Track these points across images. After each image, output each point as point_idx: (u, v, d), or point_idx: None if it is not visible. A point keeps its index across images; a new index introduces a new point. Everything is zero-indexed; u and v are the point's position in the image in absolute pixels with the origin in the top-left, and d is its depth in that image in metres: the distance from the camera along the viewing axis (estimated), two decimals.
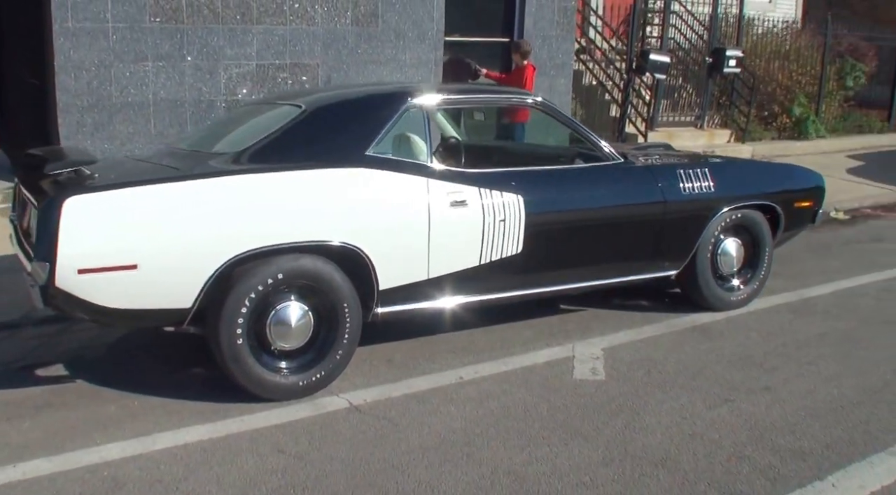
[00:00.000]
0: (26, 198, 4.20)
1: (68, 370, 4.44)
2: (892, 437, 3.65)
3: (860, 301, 5.68)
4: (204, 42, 7.36)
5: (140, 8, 7.06)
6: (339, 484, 3.22)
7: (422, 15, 8.45)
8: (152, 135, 7.31)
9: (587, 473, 3.32)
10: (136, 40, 7.08)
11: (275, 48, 7.73)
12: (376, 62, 8.29)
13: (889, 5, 20.00)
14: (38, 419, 3.80)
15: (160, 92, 7.28)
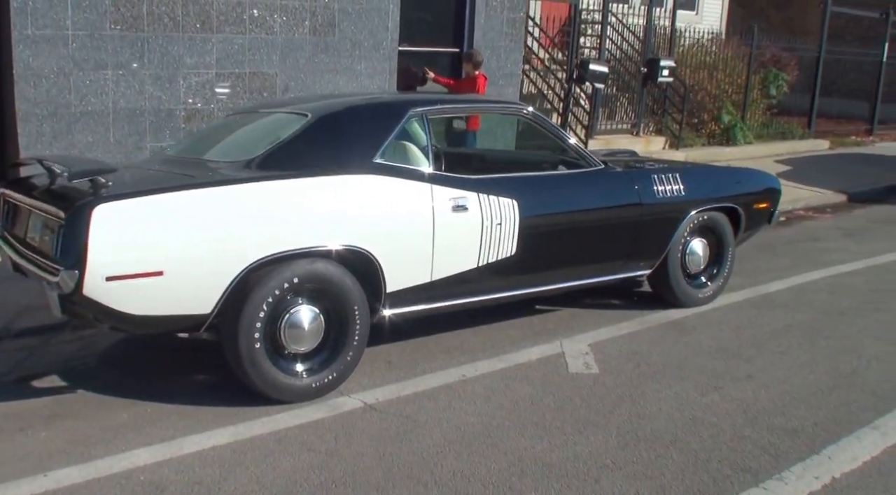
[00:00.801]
0: (25, 205, 4.18)
1: (65, 380, 4.42)
2: (871, 415, 4.00)
3: (814, 295, 6.11)
4: (164, 50, 7.32)
5: (100, 15, 6.97)
6: (378, 477, 3.35)
7: (377, 25, 8.60)
8: (111, 145, 7.22)
9: (607, 457, 3.54)
10: (97, 48, 6.98)
11: (234, 57, 7.73)
12: (333, 71, 8.39)
13: (803, 17, 21.13)
14: (53, 429, 3.79)
15: (119, 100, 7.20)
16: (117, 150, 7.24)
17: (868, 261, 7.20)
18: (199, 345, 4.83)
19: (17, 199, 4.30)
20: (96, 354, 4.91)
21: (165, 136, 7.50)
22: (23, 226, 4.27)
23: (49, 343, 4.98)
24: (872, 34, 18.31)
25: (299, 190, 3.97)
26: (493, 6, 9.51)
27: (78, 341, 5.02)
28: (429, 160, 4.46)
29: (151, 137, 7.43)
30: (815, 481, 3.37)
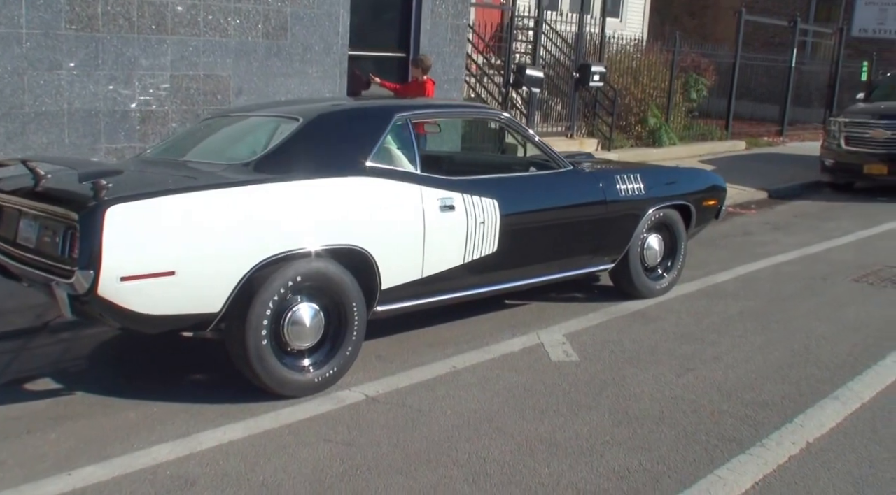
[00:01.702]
0: (13, 207, 4.19)
1: (59, 383, 4.44)
2: (828, 387, 4.41)
3: (758, 284, 6.56)
4: (119, 51, 7.27)
5: (55, 14, 6.88)
6: (398, 462, 3.53)
7: (328, 30, 8.72)
8: (66, 146, 7.13)
9: (605, 434, 3.82)
10: (51, 48, 6.88)
11: (189, 59, 7.73)
12: (285, 75, 8.47)
13: (714, 24, 22.23)
14: (62, 430, 3.82)
15: (75, 101, 7.11)
16: (72, 152, 7.15)
17: (800, 252, 7.75)
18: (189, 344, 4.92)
19: (5, 201, 4.30)
20: (85, 356, 4.94)
21: (120, 138, 7.46)
22: (10, 227, 4.27)
23: (29, 347, 4.97)
24: (777, 41, 19.40)
25: (302, 191, 4.12)
26: (439, 13, 9.75)
27: (59, 344, 5.04)
28: (416, 162, 4.67)
29: (106, 138, 7.37)
30: (792, 446, 3.72)
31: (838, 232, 8.81)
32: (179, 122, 7.85)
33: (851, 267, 7.14)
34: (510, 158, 5.66)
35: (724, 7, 22.85)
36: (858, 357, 4.88)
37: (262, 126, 4.70)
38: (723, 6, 22.72)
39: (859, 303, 6.01)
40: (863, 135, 11.27)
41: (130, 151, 7.54)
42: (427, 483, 3.36)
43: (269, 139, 4.46)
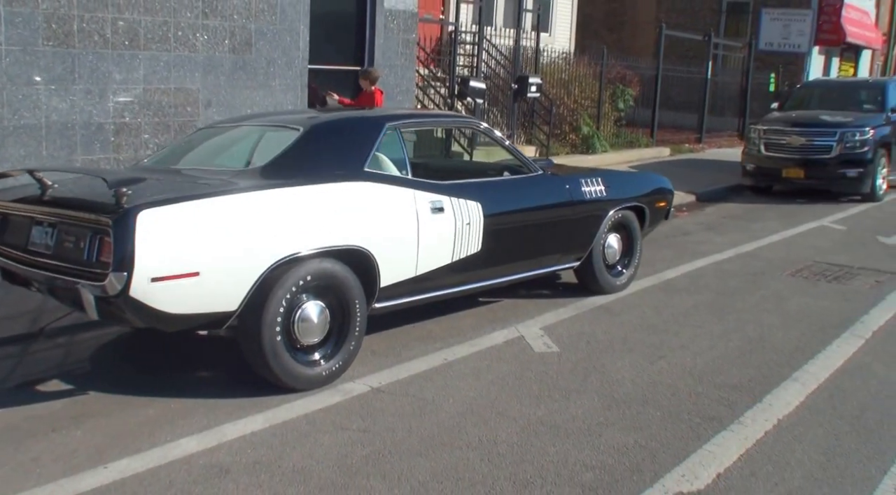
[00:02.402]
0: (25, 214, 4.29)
1: (70, 384, 4.54)
2: (787, 370, 4.88)
3: (705, 279, 7.08)
4: (94, 66, 7.32)
5: (33, 31, 6.90)
6: (415, 446, 3.79)
7: (289, 44, 8.90)
8: (44, 158, 7.13)
9: (599, 416, 4.17)
10: (29, 63, 6.90)
11: (160, 73, 7.82)
12: (251, 88, 8.61)
13: (632, 39, 23.18)
14: (85, 427, 3.94)
15: (52, 115, 7.13)
16: (50, 164, 7.14)
17: (736, 250, 8.34)
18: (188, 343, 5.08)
19: (15, 209, 4.39)
20: (88, 358, 5.05)
21: (95, 150, 7.48)
22: (20, 234, 4.36)
23: (30, 351, 5.04)
24: (691, 54, 20.35)
25: (309, 195, 4.35)
26: (391, 28, 10.04)
27: (59, 348, 5.14)
28: (406, 168, 4.95)
29: (82, 150, 7.39)
30: (766, 423, 4.15)
31: (766, 231, 9.48)
32: (151, 133, 7.92)
33: (785, 263, 7.75)
34: (485, 164, 5.98)
35: (641, 22, 23.90)
36: (808, 343, 5.39)
37: (260, 135, 4.89)
38: (639, 21, 23.75)
39: (798, 296, 6.57)
40: (780, 141, 12.07)
41: (105, 163, 7.58)
42: (447, 464, 3.64)
43: (270, 147, 4.66)
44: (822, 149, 11.63)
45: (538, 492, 3.41)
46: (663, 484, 3.50)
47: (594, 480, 3.52)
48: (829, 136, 11.59)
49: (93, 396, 4.34)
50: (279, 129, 4.83)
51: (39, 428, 3.95)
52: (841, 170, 11.57)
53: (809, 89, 14.12)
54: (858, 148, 11.47)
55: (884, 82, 13.16)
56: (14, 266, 4.39)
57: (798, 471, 3.66)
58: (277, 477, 3.48)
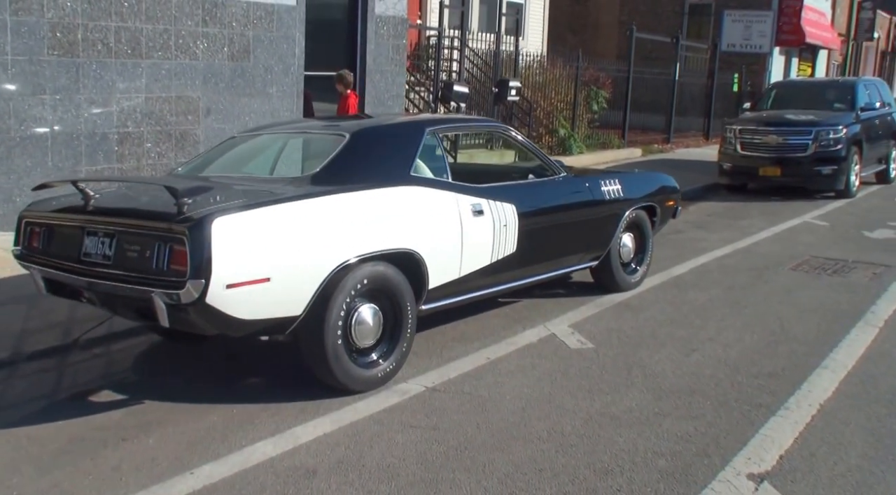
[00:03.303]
0: (81, 226, 4.29)
1: (121, 394, 4.55)
2: (816, 359, 5.11)
3: (712, 275, 7.32)
4: (98, 76, 7.29)
5: (39, 41, 6.85)
6: (489, 440, 3.90)
7: (286, 51, 8.94)
8: (49, 169, 7.08)
9: (653, 407, 4.33)
10: (35, 73, 6.85)
11: (162, 82, 7.81)
12: (249, 95, 8.64)
13: (595, 41, 23.56)
14: (156, 435, 3.96)
15: (57, 125, 7.08)
16: (56, 175, 7.09)
17: (732, 247, 8.61)
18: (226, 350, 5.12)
19: (65, 220, 4.38)
20: (130, 368, 5.08)
21: (100, 159, 7.44)
22: (69, 245, 4.35)
23: (67, 362, 5.03)
24: (654, 55, 20.80)
25: (364, 200, 4.43)
26: (382, 34, 10.13)
27: (98, 358, 5.16)
28: (447, 172, 5.06)
29: (87, 160, 7.35)
30: (810, 408, 4.36)
31: (754, 228, 9.79)
32: (154, 143, 7.90)
33: (783, 258, 8.03)
34: (511, 166, 6.12)
35: (603, 25, 24.34)
36: (827, 333, 5.64)
37: (302, 142, 4.95)
38: (602, 24, 24.18)
39: (805, 289, 6.84)
40: (757, 141, 12.44)
41: (109, 173, 7.54)
42: (524, 456, 3.76)
43: (317, 154, 4.73)
44: (797, 148, 12.03)
45: (619, 479, 3.55)
46: (733, 467, 3.67)
47: (668, 466, 3.67)
48: (805, 135, 12.00)
49: (149, 405, 4.36)
50: (322, 136, 4.89)
51: (108, 438, 3.96)
52: (816, 168, 11.97)
53: (780, 89, 14.57)
54: (833, 146, 11.90)
55: (853, 82, 13.66)
56: (64, 277, 4.38)
57: (852, 451, 3.86)
58: (365, 476, 3.56)
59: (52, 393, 4.64)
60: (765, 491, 3.46)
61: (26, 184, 7.17)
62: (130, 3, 7.49)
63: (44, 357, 5.06)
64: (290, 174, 4.65)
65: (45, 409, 4.39)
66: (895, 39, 34.15)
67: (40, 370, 4.90)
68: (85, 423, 4.14)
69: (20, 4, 6.78)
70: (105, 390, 4.59)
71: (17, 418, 4.24)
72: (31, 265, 4.63)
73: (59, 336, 5.33)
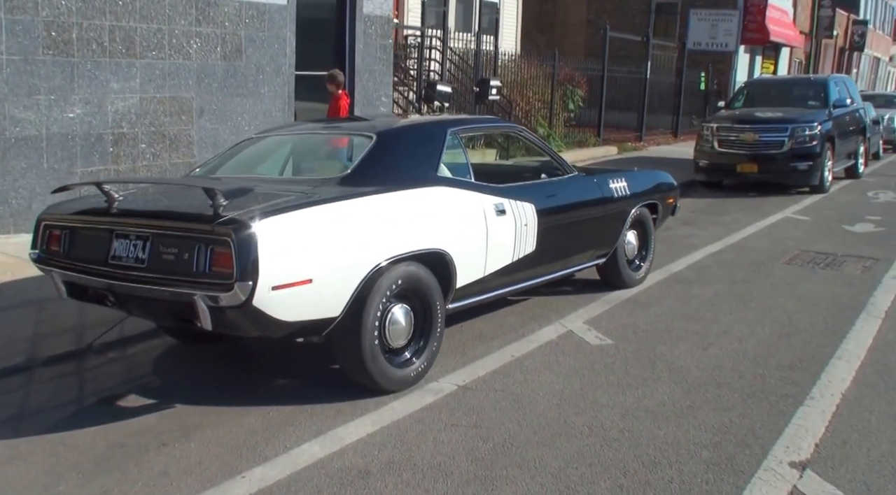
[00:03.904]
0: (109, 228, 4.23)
1: (149, 398, 4.50)
2: (829, 350, 5.25)
3: (710, 270, 7.46)
4: (92, 75, 7.17)
5: (34, 40, 6.71)
6: (533, 436, 3.95)
7: (277, 51, 8.89)
8: (44, 171, 6.94)
9: (685, 401, 4.42)
10: (30, 73, 6.71)
11: (156, 82, 7.71)
12: (241, 95, 8.57)
13: (563, 40, 23.75)
14: (196, 439, 3.93)
15: (52, 126, 6.95)
16: (51, 177, 6.97)
17: (722, 242, 8.79)
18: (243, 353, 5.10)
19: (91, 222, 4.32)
20: (151, 372, 5.04)
21: (95, 161, 7.32)
22: (98, 248, 4.28)
23: (85, 367, 4.98)
24: (622, 54, 21.08)
25: (397, 201, 4.45)
26: (370, 34, 10.12)
27: (115, 363, 5.12)
28: (469, 172, 5.09)
29: (82, 162, 7.23)
30: (832, 397, 4.49)
31: (739, 223, 9.99)
32: (148, 143, 7.80)
33: (774, 253, 8.22)
34: (523, 166, 6.17)
35: (571, 24, 24.56)
36: (833, 325, 5.80)
37: (325, 143, 4.94)
38: (569, 23, 24.40)
39: (804, 282, 7.02)
40: (734, 138, 12.68)
41: (104, 174, 7.42)
42: (572, 451, 3.81)
43: (343, 156, 4.73)
44: (774, 145, 12.30)
45: (669, 471, 3.62)
46: (775, 456, 3.77)
47: (712, 457, 3.75)
48: (781, 132, 12.27)
49: (182, 409, 4.32)
50: (346, 137, 4.89)
51: (148, 442, 3.92)
52: (792, 164, 12.26)
53: (753, 87, 14.86)
54: (808, 142, 12.19)
55: (825, 79, 14.00)
56: (90, 280, 4.32)
57: (882, 437, 3.99)
58: (419, 475, 3.58)
59: (77, 399, 4.58)
60: (809, 478, 3.57)
61: (21, 186, 7.05)
62: (125, 2, 7.39)
63: (60, 362, 4.99)
64: (317, 175, 4.64)
65: (75, 415, 4.33)
66: (852, 36, 35.12)
67: (59, 375, 4.83)
68: (120, 429, 4.10)
69: (15, 3, 6.64)
70: (131, 394, 4.54)
71: (48, 424, 4.18)
72: (52, 269, 4.55)
73: (71, 340, 5.25)
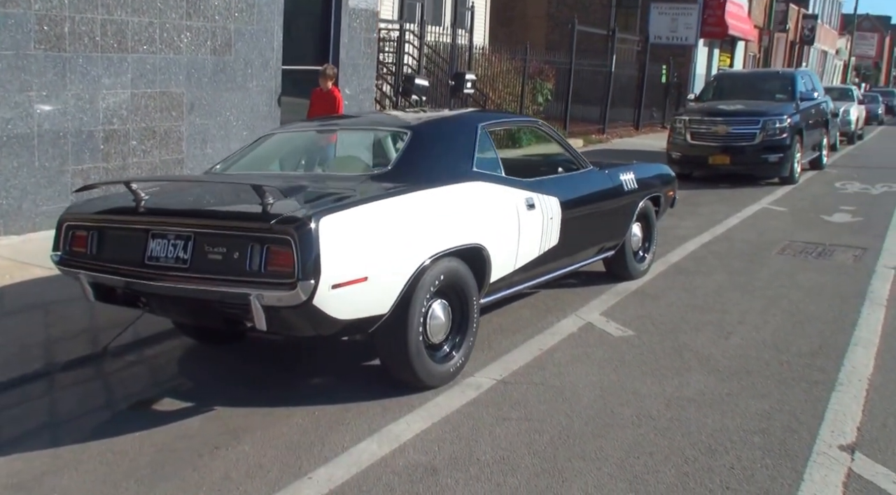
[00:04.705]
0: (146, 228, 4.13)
1: (185, 401, 4.42)
2: (844, 336, 5.42)
3: (707, 261, 7.61)
4: (84, 71, 6.97)
5: (26, 34, 6.49)
6: (587, 428, 3.99)
7: (265, 45, 8.77)
8: (36, 169, 6.73)
9: (721, 388, 4.52)
10: (22, 68, 6.49)
11: (147, 76, 7.54)
12: (230, 90, 8.43)
13: (523, 33, 23.86)
14: (249, 442, 3.87)
15: (44, 123, 6.73)
16: (42, 175, 6.77)
17: (710, 233, 8.97)
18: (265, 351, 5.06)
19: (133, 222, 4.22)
20: (177, 374, 4.94)
21: (86, 159, 7.14)
22: (132, 249, 4.17)
23: (106, 371, 4.88)
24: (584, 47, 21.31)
25: (440, 197, 4.44)
26: (354, 27, 10.05)
27: (135, 365, 5.01)
28: (500, 167, 5.11)
29: (73, 160, 7.03)
30: (860, 382, 4.63)
31: (720, 214, 10.20)
32: (139, 140, 7.64)
33: (764, 243, 8.42)
34: (542, 160, 6.21)
35: (531, 17, 24.70)
36: (841, 313, 5.98)
37: (358, 139, 4.91)
38: (529, 16, 24.54)
39: (801, 272, 7.21)
40: (706, 130, 12.93)
41: (95, 172, 7.24)
42: (628, 441, 3.86)
43: (379, 151, 4.70)
44: (746, 137, 12.58)
45: (728, 458, 3.70)
46: (823, 440, 3.88)
47: (764, 443, 3.85)
48: (753, 125, 12.56)
49: (222, 411, 4.24)
50: (378, 133, 4.87)
51: (198, 447, 3.84)
52: (763, 156, 12.56)
53: (722, 81, 15.17)
54: (778, 135, 12.50)
55: (792, 73, 14.37)
56: (125, 282, 4.22)
57: None
58: (486, 470, 3.59)
59: (109, 404, 4.47)
60: (861, 461, 3.69)
61: (13, 186, 6.83)
62: None
63: (79, 366, 4.85)
64: (353, 172, 4.60)
65: (112, 421, 4.23)
66: (802, 30, 36.09)
67: (81, 380, 4.71)
68: (163, 433, 4.01)
69: None
70: (165, 398, 4.44)
71: (86, 431, 4.07)
72: (78, 271, 4.43)
73: (86, 343, 5.12)
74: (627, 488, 3.44)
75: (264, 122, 8.92)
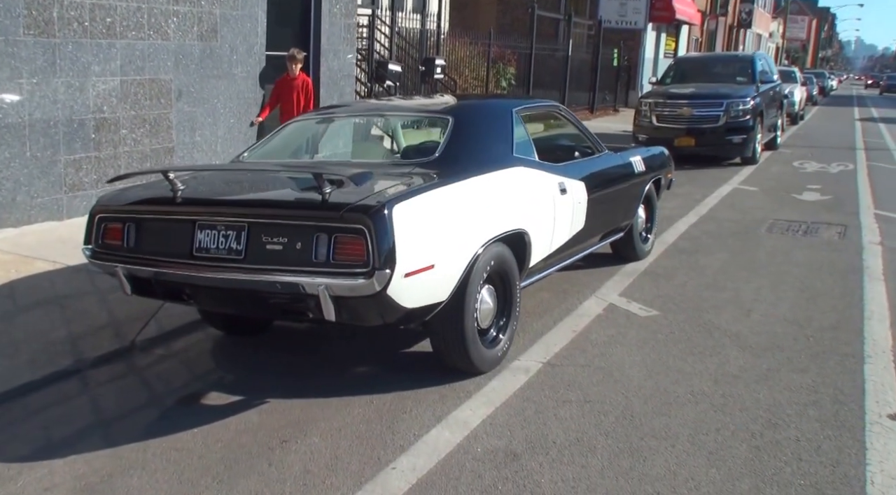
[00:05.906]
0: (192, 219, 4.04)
1: (235, 394, 4.33)
2: (856, 310, 5.64)
3: (701, 241, 7.80)
4: (74, 57, 6.72)
5: (14, 19, 6.21)
6: (646, 407, 4.07)
7: (249, 30, 8.59)
8: (27, 160, 6.48)
9: (761, 363, 4.66)
10: (11, 55, 6.22)
11: (135, 63, 7.31)
12: (217, 76, 8.25)
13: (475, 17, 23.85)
14: (316, 434, 3.82)
15: (35, 112, 6.48)
16: (34, 166, 6.53)
17: (695, 214, 9.19)
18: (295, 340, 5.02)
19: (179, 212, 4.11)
20: (216, 367, 4.82)
21: (77, 148, 6.91)
22: (177, 241, 4.07)
23: (139, 365, 4.76)
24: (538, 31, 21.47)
25: (490, 183, 4.46)
26: (335, 13, 9.92)
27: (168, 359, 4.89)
28: (534, 152, 5.15)
29: (65, 150, 6.80)
30: (885, 354, 4.84)
31: (697, 196, 10.45)
32: (129, 129, 7.42)
33: (749, 222, 8.67)
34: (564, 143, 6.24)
35: (482, 2, 24.67)
36: (845, 287, 6.21)
37: (396, 126, 4.88)
38: (482, 1, 24.52)
39: (793, 249, 7.45)
40: (671, 113, 13.19)
41: (87, 162, 7.01)
42: (691, 418, 3.97)
43: (421, 138, 4.68)
44: (710, 119, 12.88)
45: (791, 431, 3.83)
46: (871, 410, 4.06)
47: (819, 415, 4.00)
48: (717, 107, 12.86)
49: (277, 404, 4.18)
50: (421, 119, 4.85)
51: (266, 440, 3.78)
52: (727, 137, 12.88)
53: (682, 64, 15.46)
54: (742, 117, 12.83)
55: (751, 56, 14.72)
56: (171, 274, 4.11)
57: None
58: (566, 453, 3.64)
59: (154, 400, 4.35)
60: None
61: (6, 178, 6.58)
62: None
63: (108, 362, 4.71)
64: (397, 159, 4.58)
65: (164, 417, 4.13)
66: (740, 14, 37.04)
67: (115, 376, 4.57)
68: (224, 428, 3.94)
69: None
70: (212, 392, 4.35)
71: (140, 430, 3.96)
72: (115, 264, 4.30)
73: (111, 338, 4.98)
74: (707, 463, 3.54)
75: (251, 108, 8.76)
